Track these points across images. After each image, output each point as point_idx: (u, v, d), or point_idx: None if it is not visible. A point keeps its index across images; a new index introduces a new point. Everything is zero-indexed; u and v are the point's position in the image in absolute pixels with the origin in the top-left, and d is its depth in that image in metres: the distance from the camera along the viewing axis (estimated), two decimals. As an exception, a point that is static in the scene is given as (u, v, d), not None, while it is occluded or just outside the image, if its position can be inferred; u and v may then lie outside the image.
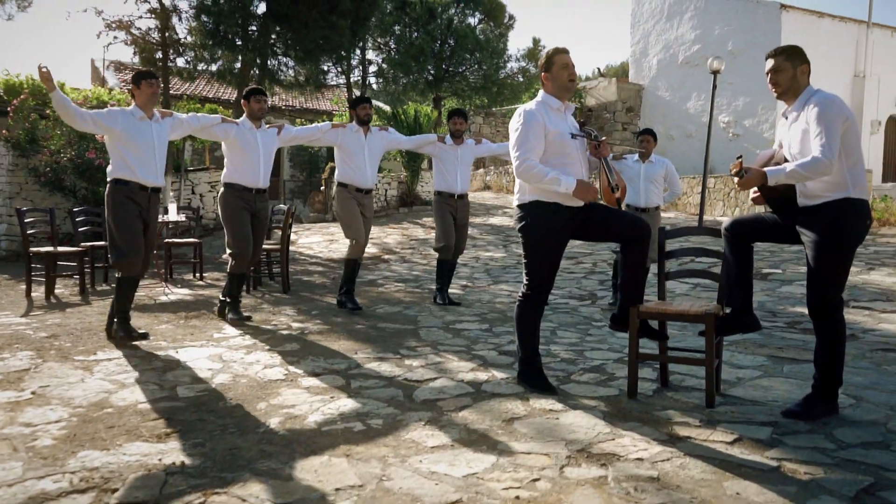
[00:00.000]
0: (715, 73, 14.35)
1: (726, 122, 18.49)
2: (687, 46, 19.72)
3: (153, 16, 13.27)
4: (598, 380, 4.22)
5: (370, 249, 12.08)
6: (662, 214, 16.55)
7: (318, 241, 13.27)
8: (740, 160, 3.39)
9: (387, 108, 21.23)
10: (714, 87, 14.53)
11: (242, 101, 6.01)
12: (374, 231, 14.19)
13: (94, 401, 3.62)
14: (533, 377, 3.96)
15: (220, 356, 4.65)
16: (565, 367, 4.51)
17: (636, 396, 3.83)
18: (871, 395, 3.92)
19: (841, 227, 3.42)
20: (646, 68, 21.04)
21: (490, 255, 11.39)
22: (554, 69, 3.87)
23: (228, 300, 5.94)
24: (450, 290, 7.99)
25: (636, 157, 7.05)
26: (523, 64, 19.88)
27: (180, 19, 13.43)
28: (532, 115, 3.79)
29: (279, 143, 6.18)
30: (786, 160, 3.62)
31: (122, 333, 5.04)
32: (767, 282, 8.53)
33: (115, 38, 13.56)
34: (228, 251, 5.90)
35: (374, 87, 18.46)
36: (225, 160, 5.98)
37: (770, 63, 3.63)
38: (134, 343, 4.98)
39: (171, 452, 2.91)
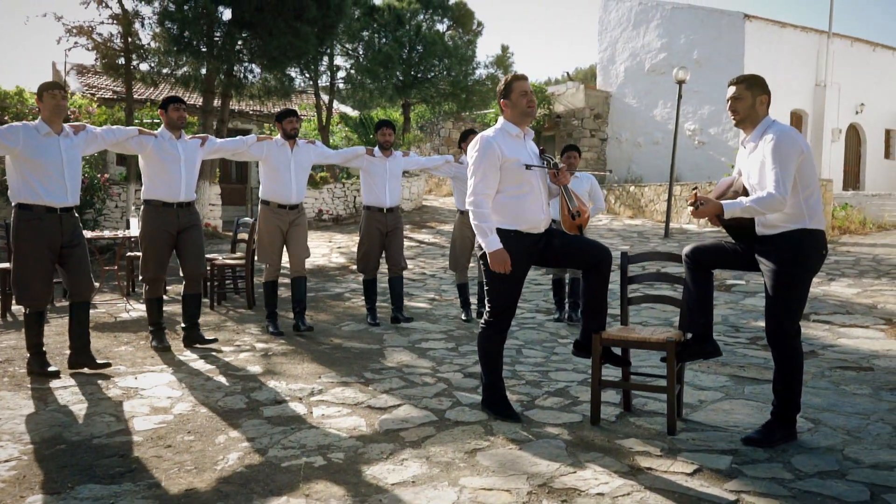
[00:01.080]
0: (680, 82, 14.52)
1: (692, 129, 18.73)
2: (653, 55, 19.93)
3: (115, 21, 13.04)
4: (561, 404, 4.23)
5: (337, 259, 11.99)
6: (629, 220, 16.72)
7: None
8: (696, 191, 3.42)
9: (355, 113, 21.13)
10: (679, 96, 14.71)
11: (160, 110, 5.62)
12: (343, 240, 14.10)
13: (47, 436, 3.53)
14: (497, 404, 3.95)
15: (181, 382, 4.57)
16: (529, 391, 4.51)
17: (599, 423, 3.84)
18: (829, 419, 3.97)
19: (798, 257, 3.48)
20: (613, 75, 21.23)
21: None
22: (513, 96, 3.87)
23: (151, 328, 5.67)
24: (416, 305, 7.97)
25: None
26: (492, 70, 19.89)
27: (143, 25, 13.22)
28: (488, 144, 3.78)
29: (203, 154, 5.84)
30: (744, 189, 3.67)
31: (37, 369, 4.68)
32: (731, 293, 8.64)
33: (76, 43, 13.29)
34: (140, 276, 5.63)
35: (343, 93, 18.35)
36: (143, 175, 5.61)
37: (731, 90, 3.68)
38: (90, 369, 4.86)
39: (125, 495, 2.84)
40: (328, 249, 12.90)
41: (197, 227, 5.69)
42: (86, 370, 4.83)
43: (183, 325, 5.81)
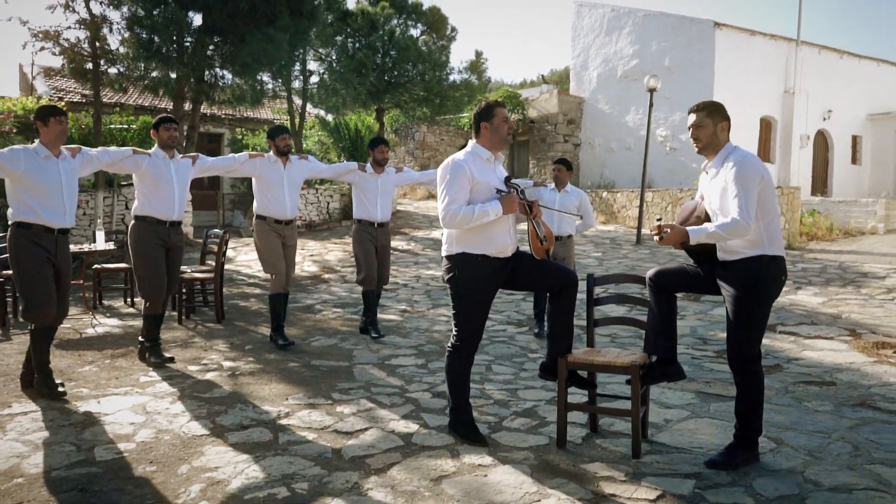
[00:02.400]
0: (651, 90, 14.65)
1: (664, 135, 18.91)
2: (625, 61, 20.09)
3: (82, 27, 12.83)
4: (529, 426, 4.24)
5: (309, 268, 11.92)
6: (602, 226, 16.84)
7: (257, 259, 12.99)
8: (659, 222, 3.46)
9: (330, 118, 21.04)
10: (651, 104, 14.84)
11: (152, 130, 5.69)
12: (315, 247, 14.03)
13: (4, 468, 3.46)
14: (463, 427, 3.95)
15: (145, 406, 4.50)
16: (497, 412, 4.52)
17: (565, 446, 3.85)
18: (791, 438, 4.03)
19: (758, 283, 3.53)
20: (586, 81, 21.36)
21: (431, 273, 11.36)
22: (496, 121, 3.88)
23: (148, 343, 5.70)
24: (387, 317, 7.94)
25: (552, 185, 7.13)
26: (466, 76, 19.90)
27: (111, 31, 13.01)
28: (459, 167, 3.80)
29: (194, 173, 5.92)
30: (707, 214, 3.71)
31: (44, 390, 4.68)
32: (700, 303, 8.73)
33: (43, 48, 13.04)
34: (141, 292, 5.65)
35: (316, 98, 18.22)
36: (136, 192, 5.67)
37: (692, 118, 3.72)
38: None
39: (82, 534, 2.79)
40: (300, 258, 12.81)
41: (181, 249, 5.83)
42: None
43: (143, 341, 5.79)
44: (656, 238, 3.53)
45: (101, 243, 7.89)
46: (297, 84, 17.81)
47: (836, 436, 4.07)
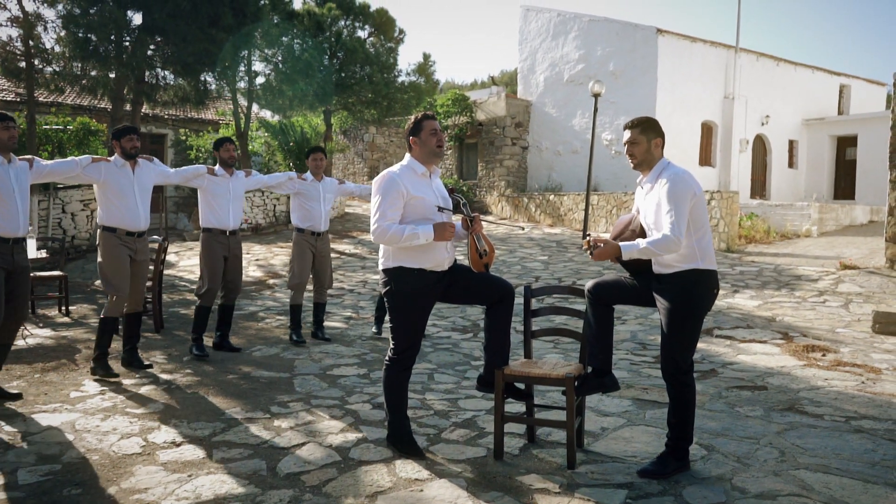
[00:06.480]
0: (596, 96, 14.88)
1: (609, 139, 19.21)
2: (571, 65, 20.35)
3: (14, 24, 12.41)
4: (467, 437, 4.25)
5: (254, 273, 11.75)
6: (548, 229, 16.98)
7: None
8: (589, 237, 3.52)
9: (275, 119, 20.76)
10: (595, 109, 15.07)
11: None
12: (261, 251, 13.83)
13: (-81, 495, 3.31)
14: (400, 441, 3.94)
15: (74, 424, 4.36)
16: (437, 423, 4.52)
17: (502, 458, 3.87)
18: (722, 444, 4.13)
19: (690, 296, 3.60)
20: (533, 85, 21.56)
21: (378, 277, 11.30)
22: (423, 134, 3.88)
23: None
24: (331, 325, 7.87)
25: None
26: (413, 79, 19.87)
27: (46, 29, 12.61)
28: (393, 181, 3.78)
29: (31, 179, 5.04)
30: (641, 227, 3.79)
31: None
32: (641, 308, 8.87)
33: (-28, 46, 12.58)
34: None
35: (262, 99, 17.96)
36: None
37: (627, 134, 3.78)
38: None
39: (-1, 565, 2.69)
40: (245, 262, 12.60)
41: (26, 271, 5.00)
42: None
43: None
44: (587, 253, 3.58)
45: (33, 251, 7.63)
46: (242, 85, 17.53)
47: (764, 441, 4.19)
